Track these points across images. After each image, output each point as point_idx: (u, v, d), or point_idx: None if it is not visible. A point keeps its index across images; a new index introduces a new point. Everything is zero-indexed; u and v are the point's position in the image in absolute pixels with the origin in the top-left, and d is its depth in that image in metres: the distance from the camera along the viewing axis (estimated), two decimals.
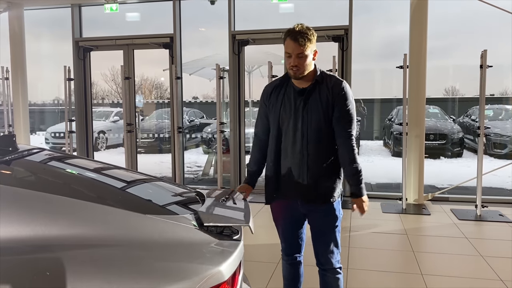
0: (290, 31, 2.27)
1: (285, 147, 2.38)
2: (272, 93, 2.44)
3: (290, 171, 2.37)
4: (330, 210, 2.38)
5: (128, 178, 2.23)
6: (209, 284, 1.34)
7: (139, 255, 1.38)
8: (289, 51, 2.27)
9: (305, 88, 2.34)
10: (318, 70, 2.37)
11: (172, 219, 1.63)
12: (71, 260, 1.27)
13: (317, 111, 2.30)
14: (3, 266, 1.21)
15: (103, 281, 1.24)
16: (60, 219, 1.44)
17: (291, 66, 2.27)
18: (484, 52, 5.28)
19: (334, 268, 2.45)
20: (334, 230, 2.41)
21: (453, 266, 3.77)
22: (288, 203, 2.44)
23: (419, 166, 5.98)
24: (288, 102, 2.37)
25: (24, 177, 1.82)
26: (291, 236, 2.53)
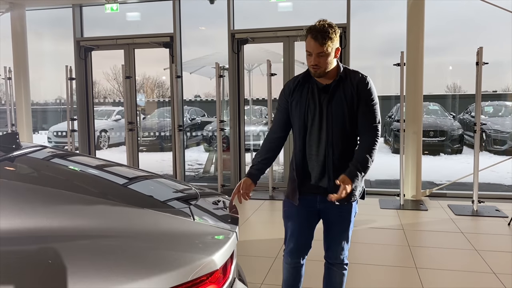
0: (312, 29, 2.20)
1: (310, 145, 2.34)
2: (295, 89, 2.38)
3: (315, 168, 2.33)
4: (348, 209, 2.37)
5: (127, 174, 2.31)
6: (203, 272, 1.43)
7: (138, 245, 1.46)
8: (309, 50, 2.22)
9: (329, 85, 2.30)
10: (341, 66, 2.34)
11: (169, 212, 1.71)
12: (72, 250, 1.36)
13: (341, 108, 2.27)
14: (9, 256, 1.29)
15: (103, 269, 1.32)
16: (61, 212, 1.52)
17: (311, 65, 2.24)
18: (480, 49, 5.33)
19: (341, 263, 2.46)
20: (348, 228, 2.40)
21: (447, 260, 3.85)
22: (309, 198, 2.38)
23: (416, 162, 6.05)
24: (312, 99, 2.32)
25: (27, 173, 1.90)
26: (303, 237, 2.45)
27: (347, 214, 2.38)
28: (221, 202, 2.09)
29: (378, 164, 8.93)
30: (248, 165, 8.39)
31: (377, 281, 3.44)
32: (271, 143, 2.48)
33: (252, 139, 8.18)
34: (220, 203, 2.07)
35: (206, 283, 1.44)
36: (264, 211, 5.44)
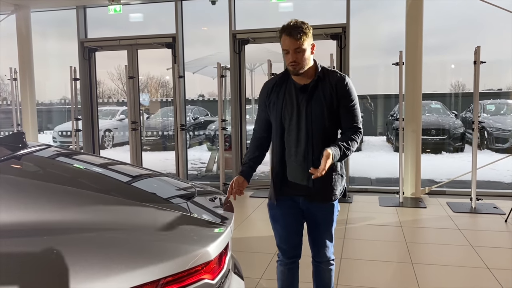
0: (285, 27, 2.22)
1: (289, 146, 2.34)
2: (272, 90, 2.38)
3: (295, 170, 2.34)
4: (330, 208, 2.39)
5: (130, 172, 2.41)
6: (198, 262, 1.53)
7: (138, 237, 1.56)
8: (286, 48, 2.22)
9: (307, 85, 2.30)
10: (319, 65, 2.33)
11: (167, 207, 1.81)
12: (76, 242, 1.46)
13: (320, 108, 2.26)
14: (16, 247, 1.39)
15: (106, 259, 1.42)
16: (67, 206, 1.62)
17: (290, 62, 2.22)
18: (478, 48, 5.40)
19: (328, 260, 2.50)
20: (331, 227, 2.43)
21: (442, 255, 3.93)
22: (291, 200, 2.40)
23: (416, 160, 6.12)
24: (289, 99, 2.32)
25: (34, 171, 2.00)
26: (291, 237, 2.47)
27: (329, 214, 2.40)
28: (218, 199, 2.19)
29: (379, 163, 8.96)
30: None
31: (372, 276, 3.53)
32: (257, 142, 2.51)
33: None
34: (217, 200, 2.17)
35: (201, 273, 1.54)
36: (265, 209, 5.49)
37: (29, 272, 1.35)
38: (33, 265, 1.36)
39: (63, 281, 1.32)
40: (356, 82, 2.42)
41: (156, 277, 1.43)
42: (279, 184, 2.41)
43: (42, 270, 1.36)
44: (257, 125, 2.51)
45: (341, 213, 5.30)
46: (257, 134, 2.52)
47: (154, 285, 1.42)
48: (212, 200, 2.15)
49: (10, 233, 1.42)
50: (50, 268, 1.36)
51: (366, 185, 6.92)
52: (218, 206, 2.08)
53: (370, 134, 12.01)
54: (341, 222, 4.87)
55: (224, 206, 2.09)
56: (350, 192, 6.41)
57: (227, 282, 1.79)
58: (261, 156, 2.52)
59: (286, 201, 2.41)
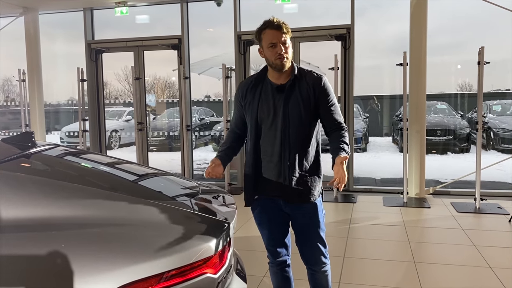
0: (267, 22, 2.22)
1: (264, 146, 2.32)
2: (247, 90, 2.36)
3: (270, 171, 2.31)
4: (313, 210, 2.35)
5: (136, 171, 2.47)
6: (201, 257, 1.59)
7: (143, 232, 1.62)
8: (273, 41, 2.20)
9: (283, 84, 2.27)
10: (295, 66, 2.31)
11: (171, 204, 1.86)
12: (84, 236, 1.52)
13: (297, 108, 2.24)
14: (27, 241, 1.45)
15: (112, 253, 1.49)
16: (74, 203, 1.68)
17: (279, 54, 2.19)
18: (482, 49, 5.41)
19: (321, 266, 2.43)
20: (318, 230, 2.37)
21: (445, 254, 3.95)
22: (272, 203, 2.37)
23: (420, 160, 6.14)
24: (266, 99, 2.29)
25: (43, 169, 2.06)
26: (278, 238, 2.45)
27: (313, 216, 2.35)
28: (221, 197, 2.24)
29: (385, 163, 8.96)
30: None
31: (375, 274, 3.56)
32: (233, 135, 2.51)
33: None
34: (220, 198, 2.22)
35: (203, 267, 1.59)
36: None
37: (39, 264, 1.41)
38: (43, 258, 1.42)
39: (72, 273, 1.38)
40: (361, 82, 2.46)
41: (160, 271, 1.48)
42: (252, 185, 2.38)
43: (51, 263, 1.42)
44: (233, 123, 2.52)
45: (345, 213, 5.35)
46: (232, 130, 2.52)
47: (158, 278, 1.47)
48: (216, 198, 2.20)
49: (21, 228, 1.48)
50: (59, 261, 1.42)
51: (370, 185, 6.95)
52: (221, 204, 2.13)
53: (376, 134, 12.01)
54: (345, 222, 4.91)
55: (227, 204, 2.14)
56: (354, 192, 6.44)
57: (229, 277, 1.84)
58: (236, 148, 2.50)
59: (266, 203, 2.39)
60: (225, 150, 2.44)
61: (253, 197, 2.40)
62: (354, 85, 6.48)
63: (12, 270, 1.40)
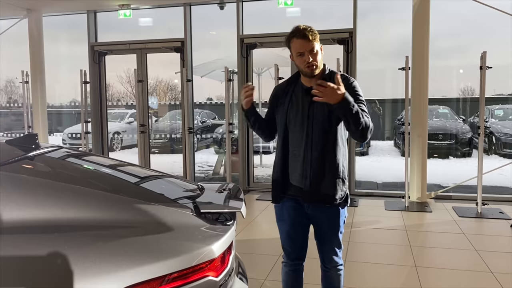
0: (295, 31, 2.26)
1: (291, 146, 2.38)
2: (281, 92, 2.45)
3: (295, 171, 2.36)
4: (334, 213, 2.38)
5: (138, 173, 2.47)
6: (203, 260, 1.59)
7: (146, 235, 1.62)
8: (300, 50, 2.24)
9: (312, 87, 2.27)
10: (327, 68, 2.37)
11: (174, 207, 1.87)
12: (86, 238, 1.53)
13: (322, 111, 2.27)
14: (30, 243, 1.46)
15: (114, 255, 1.49)
16: (77, 205, 1.69)
17: (307, 63, 2.25)
18: (484, 54, 5.42)
19: (336, 265, 2.49)
20: (337, 233, 2.43)
21: (447, 259, 3.95)
22: (295, 203, 2.41)
23: (422, 165, 6.14)
24: (295, 101, 2.36)
25: (46, 171, 2.07)
26: (296, 238, 2.49)
27: (334, 219, 2.40)
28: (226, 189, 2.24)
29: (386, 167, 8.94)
30: (257, 167, 8.48)
31: (377, 279, 3.56)
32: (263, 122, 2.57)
33: (261, 142, 8.33)
34: (223, 199, 2.21)
35: (205, 270, 1.59)
36: (271, 212, 5.54)
37: (42, 265, 1.42)
38: (46, 259, 1.43)
39: (75, 275, 1.39)
40: (363, 86, 2.45)
41: (162, 273, 1.49)
42: (280, 184, 2.43)
43: (54, 264, 1.42)
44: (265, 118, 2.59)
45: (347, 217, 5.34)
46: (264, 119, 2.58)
47: (160, 280, 1.48)
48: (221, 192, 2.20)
49: (26, 229, 1.49)
50: (62, 263, 1.43)
51: (372, 189, 6.95)
52: (224, 206, 2.13)
53: (378, 138, 12.02)
54: (346, 225, 4.87)
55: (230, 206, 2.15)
56: (356, 196, 6.44)
57: (231, 280, 1.85)
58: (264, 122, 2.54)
59: (290, 202, 2.43)
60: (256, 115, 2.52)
61: (279, 195, 2.45)
62: None
63: (15, 271, 1.41)
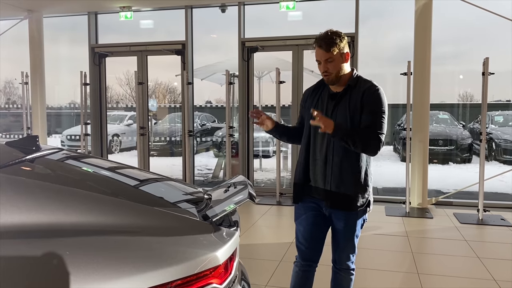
0: (316, 38, 2.31)
1: (313, 149, 2.42)
2: (309, 96, 2.51)
3: (316, 174, 2.40)
4: (353, 218, 2.39)
5: (138, 176, 2.44)
6: (207, 267, 1.55)
7: (148, 240, 1.58)
8: (318, 58, 2.31)
9: (337, 92, 2.36)
10: (355, 74, 2.37)
11: (176, 211, 1.83)
12: (86, 244, 1.49)
13: (344, 116, 2.30)
14: (26, 248, 1.42)
15: (115, 261, 1.45)
16: (76, 208, 1.65)
17: (322, 72, 2.32)
18: (486, 60, 5.40)
19: (348, 269, 2.51)
20: (353, 237, 2.43)
21: (448, 266, 3.91)
22: (315, 204, 2.45)
23: (423, 170, 6.11)
24: (321, 105, 2.41)
25: (46, 173, 2.04)
26: (311, 239, 2.49)
27: (352, 223, 2.40)
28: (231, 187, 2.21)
29: (386, 172, 8.92)
30: (256, 171, 8.45)
31: (378, 285, 3.52)
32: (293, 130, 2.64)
33: (261, 145, 8.30)
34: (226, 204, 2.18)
35: (209, 277, 1.56)
36: (271, 216, 5.54)
37: (38, 273, 1.38)
38: (43, 267, 1.39)
39: (76, 282, 1.35)
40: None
41: (165, 280, 1.45)
42: (301, 185, 2.48)
43: (51, 272, 1.38)
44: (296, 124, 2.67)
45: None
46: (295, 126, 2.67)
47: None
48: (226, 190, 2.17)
49: (20, 234, 1.45)
50: (60, 270, 1.39)
51: (372, 194, 6.90)
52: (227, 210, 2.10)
53: None
54: None
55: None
56: None
57: (234, 287, 1.81)
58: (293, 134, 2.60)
59: (310, 203, 2.47)
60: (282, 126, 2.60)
61: (300, 195, 2.50)
62: None
63: (14, 277, 1.37)
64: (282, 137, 2.61)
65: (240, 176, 2.36)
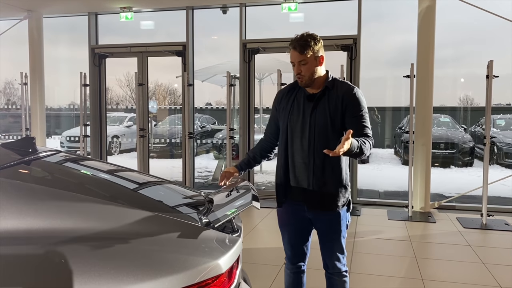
0: (291, 41, 2.31)
1: (292, 152, 2.39)
2: (283, 97, 2.48)
3: (297, 176, 2.39)
4: (336, 218, 2.39)
5: (138, 179, 2.37)
6: (209, 275, 1.48)
7: (146, 247, 1.51)
8: (292, 60, 2.32)
9: (314, 94, 2.36)
10: (330, 76, 2.38)
11: (176, 217, 1.76)
12: (82, 251, 1.42)
13: (324, 118, 2.30)
14: (22, 255, 1.35)
15: (113, 270, 1.37)
16: (73, 213, 1.58)
17: (295, 74, 2.31)
18: (490, 63, 5.34)
19: (340, 272, 2.47)
20: (339, 237, 2.42)
21: (454, 272, 3.84)
22: (296, 208, 2.43)
23: (425, 174, 6.04)
24: (297, 107, 2.39)
25: (42, 176, 1.97)
26: (297, 243, 2.52)
27: (335, 224, 2.40)
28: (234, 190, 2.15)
29: (388, 175, 8.85)
30: (257, 174, 8.39)
31: None
32: (263, 144, 2.61)
33: None
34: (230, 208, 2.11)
35: (211, 286, 1.48)
36: (272, 220, 5.47)
37: (33, 281, 1.31)
38: (35, 276, 1.32)
39: None
40: (365, 94, 2.41)
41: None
42: (283, 188, 2.46)
43: (44, 281, 1.31)
44: (268, 129, 2.61)
45: (349, 226, 5.23)
46: (265, 137, 2.62)
47: None
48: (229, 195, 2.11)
49: (12, 240, 1.38)
50: (53, 280, 1.32)
51: (374, 198, 6.84)
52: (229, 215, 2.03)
53: (378, 146, 11.94)
54: (349, 235, 4.80)
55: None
56: (358, 204, 6.34)
57: None
58: (260, 158, 2.61)
59: (292, 206, 2.45)
60: (247, 159, 2.59)
61: (281, 199, 2.48)
62: None
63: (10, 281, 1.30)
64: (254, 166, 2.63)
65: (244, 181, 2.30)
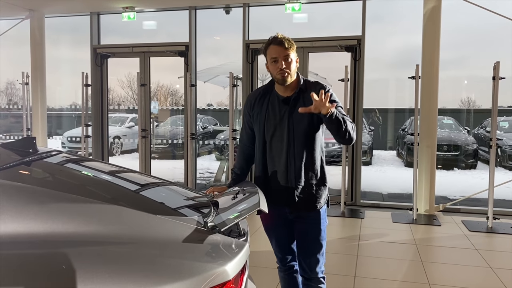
0: (273, 38, 2.31)
1: (271, 156, 2.38)
2: (255, 102, 2.44)
3: (277, 180, 2.38)
4: (316, 217, 2.40)
5: (141, 181, 2.31)
6: (215, 282, 1.41)
7: (150, 252, 1.45)
8: (275, 56, 2.28)
9: (289, 97, 2.34)
10: (302, 78, 2.39)
11: (181, 220, 1.70)
12: (84, 256, 1.36)
13: (302, 120, 2.30)
14: (22, 259, 1.30)
15: (115, 275, 1.31)
16: (75, 217, 1.52)
17: (280, 69, 2.27)
18: (497, 64, 5.28)
19: (317, 277, 2.43)
20: (319, 238, 2.41)
21: (460, 276, 3.78)
22: (278, 211, 2.42)
23: (430, 176, 5.98)
24: (272, 111, 2.37)
25: (42, 177, 1.91)
26: (285, 244, 2.54)
27: (315, 223, 2.40)
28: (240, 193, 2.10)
29: (391, 177, 8.78)
30: None
31: None
32: (244, 153, 2.56)
33: None
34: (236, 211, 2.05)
35: None
36: None
37: (34, 287, 1.25)
38: (38, 280, 1.26)
39: None
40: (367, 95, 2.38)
41: None
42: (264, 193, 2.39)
43: (48, 287, 1.26)
44: (243, 136, 2.57)
45: (353, 229, 5.18)
46: (243, 145, 2.58)
47: None
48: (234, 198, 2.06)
49: (11, 245, 1.32)
50: (56, 284, 1.26)
51: (377, 200, 6.78)
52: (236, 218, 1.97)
53: (380, 148, 11.88)
54: (353, 238, 4.74)
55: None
56: (362, 207, 6.28)
57: None
58: (248, 168, 2.59)
59: (275, 211, 2.39)
60: (237, 175, 2.55)
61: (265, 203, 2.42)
62: (363, 98, 6.33)
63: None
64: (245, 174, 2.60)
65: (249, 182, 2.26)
